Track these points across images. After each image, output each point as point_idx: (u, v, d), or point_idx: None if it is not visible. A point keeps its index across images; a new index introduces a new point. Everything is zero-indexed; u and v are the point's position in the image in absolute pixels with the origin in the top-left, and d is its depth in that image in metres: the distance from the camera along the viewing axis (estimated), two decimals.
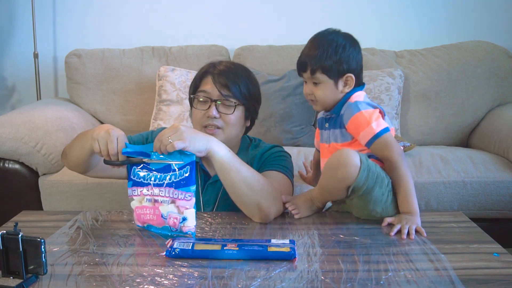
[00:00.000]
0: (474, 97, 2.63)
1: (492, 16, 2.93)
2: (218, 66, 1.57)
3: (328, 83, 1.45)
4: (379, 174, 1.34)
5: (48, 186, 2.13)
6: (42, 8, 2.98)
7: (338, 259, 1.14)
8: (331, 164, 1.34)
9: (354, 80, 1.45)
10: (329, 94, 1.46)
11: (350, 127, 1.43)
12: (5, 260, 1.02)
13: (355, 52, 1.46)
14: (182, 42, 2.88)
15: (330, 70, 1.43)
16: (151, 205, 1.29)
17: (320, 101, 1.48)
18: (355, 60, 1.46)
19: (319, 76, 1.45)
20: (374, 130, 1.38)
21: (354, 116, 1.41)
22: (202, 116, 1.53)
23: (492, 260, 1.13)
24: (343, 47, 1.44)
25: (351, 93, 1.47)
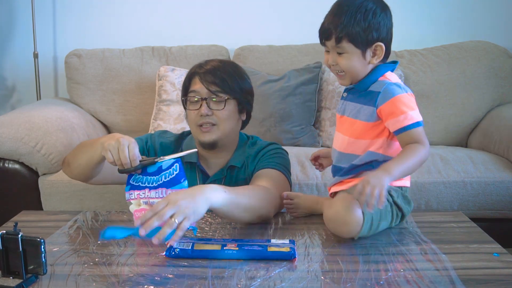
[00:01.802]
0: (474, 97, 2.63)
1: (492, 16, 2.92)
2: (205, 66, 1.58)
3: (355, 52, 1.30)
4: (382, 212, 1.25)
5: (48, 186, 2.13)
6: (42, 8, 2.98)
7: (338, 259, 1.14)
8: (332, 219, 1.23)
9: (384, 50, 1.31)
10: (356, 65, 1.31)
11: (384, 108, 1.28)
12: (5, 260, 1.02)
13: (386, 18, 1.32)
14: (182, 42, 2.88)
15: (358, 38, 1.28)
16: (149, 207, 1.28)
17: (347, 73, 1.33)
18: (386, 27, 1.31)
19: (345, 45, 1.29)
20: (414, 119, 1.26)
21: (395, 97, 1.27)
22: (195, 116, 1.55)
23: (492, 260, 1.13)
24: (374, 12, 1.28)
25: (382, 69, 1.34)
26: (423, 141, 1.25)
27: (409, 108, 1.27)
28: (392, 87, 1.29)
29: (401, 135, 1.26)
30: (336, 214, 1.21)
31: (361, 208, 1.19)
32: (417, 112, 1.28)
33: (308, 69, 2.58)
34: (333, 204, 1.24)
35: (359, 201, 1.16)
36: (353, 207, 1.19)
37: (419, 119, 1.27)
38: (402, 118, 1.25)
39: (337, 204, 1.23)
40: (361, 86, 1.34)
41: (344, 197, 1.24)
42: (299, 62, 2.70)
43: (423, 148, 1.24)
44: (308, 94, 2.52)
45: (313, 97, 2.53)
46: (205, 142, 1.55)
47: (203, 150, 1.60)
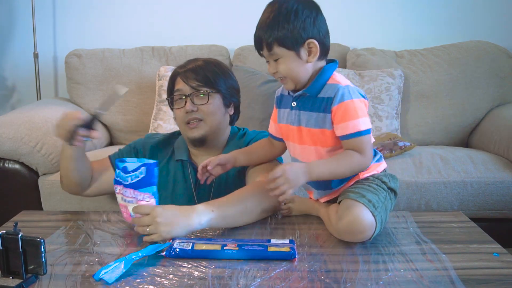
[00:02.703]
0: (474, 97, 2.63)
1: (492, 16, 2.93)
2: (186, 66, 1.61)
3: (289, 55, 1.27)
4: (385, 204, 1.27)
5: (48, 186, 2.13)
6: (42, 8, 2.98)
7: (338, 259, 1.14)
8: (347, 230, 1.21)
9: (318, 46, 1.27)
10: (293, 67, 1.28)
11: (335, 112, 1.26)
12: (5, 260, 1.02)
13: (312, 15, 1.28)
14: (182, 42, 2.88)
15: (287, 40, 1.26)
16: (124, 203, 1.32)
17: (288, 77, 1.31)
18: (313, 24, 1.27)
19: (277, 51, 1.27)
20: (359, 127, 1.25)
21: (345, 102, 1.25)
22: (182, 114, 1.57)
23: (492, 260, 1.13)
24: (295, 12, 1.26)
25: (328, 71, 1.32)
26: (364, 150, 1.25)
27: (356, 116, 1.25)
28: (343, 91, 1.27)
29: (347, 140, 1.27)
30: (350, 225, 1.19)
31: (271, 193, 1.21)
32: (366, 119, 1.27)
33: None
34: (342, 216, 1.21)
35: (268, 186, 1.20)
36: (364, 214, 1.19)
37: (365, 128, 1.26)
38: (346, 126, 1.25)
39: (347, 215, 1.20)
40: (311, 91, 1.31)
41: (350, 205, 1.21)
42: None
43: (360, 157, 1.25)
44: None
45: None
46: (194, 138, 1.56)
47: (194, 148, 1.61)
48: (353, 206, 1.20)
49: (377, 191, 1.27)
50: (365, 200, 1.21)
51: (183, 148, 1.65)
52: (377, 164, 1.37)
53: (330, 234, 1.29)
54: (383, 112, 2.49)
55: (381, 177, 1.32)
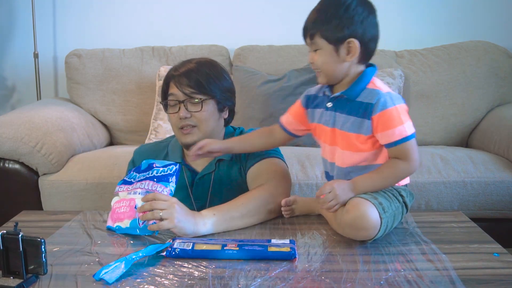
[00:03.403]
0: (474, 97, 2.63)
1: (492, 16, 2.93)
2: (180, 69, 1.58)
3: (328, 48, 1.26)
4: (395, 214, 1.26)
5: (48, 186, 2.13)
6: (42, 8, 2.98)
7: (338, 259, 1.14)
8: (350, 224, 1.21)
9: (359, 47, 1.26)
10: (329, 62, 1.27)
11: (375, 120, 1.24)
12: (5, 260, 1.02)
13: (363, 14, 1.26)
14: (182, 42, 2.88)
15: (329, 33, 1.25)
16: (129, 197, 1.32)
17: (322, 70, 1.30)
18: (362, 23, 1.26)
19: (318, 41, 1.27)
20: (406, 133, 1.22)
21: (388, 110, 1.23)
22: (175, 119, 1.56)
23: (492, 260, 1.13)
24: (346, 7, 1.24)
25: (369, 75, 1.31)
26: (409, 157, 1.24)
27: (401, 122, 1.23)
28: (385, 98, 1.25)
29: (390, 149, 1.26)
30: (354, 220, 1.19)
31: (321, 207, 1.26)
32: (409, 124, 1.25)
33: (308, 69, 2.58)
34: (349, 210, 1.20)
35: (318, 201, 1.24)
36: (371, 212, 1.18)
37: (411, 132, 1.24)
38: (392, 133, 1.23)
39: (354, 210, 1.20)
40: (350, 94, 1.29)
41: (359, 202, 1.21)
42: (299, 62, 2.70)
43: (407, 165, 1.24)
44: None
45: None
46: (187, 144, 1.56)
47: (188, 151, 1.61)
48: (362, 203, 1.20)
49: (391, 199, 1.26)
50: (376, 202, 1.20)
51: (177, 151, 1.64)
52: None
53: (330, 234, 1.29)
54: None
55: (400, 190, 1.30)
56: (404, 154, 1.23)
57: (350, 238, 1.24)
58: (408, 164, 1.24)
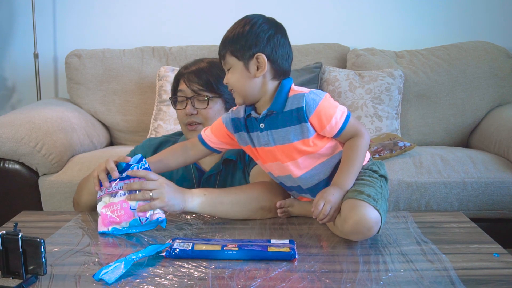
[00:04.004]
0: (474, 97, 2.63)
1: (492, 16, 2.93)
2: (190, 67, 1.62)
3: (238, 66, 1.29)
4: (383, 193, 1.28)
5: (48, 186, 2.14)
6: (42, 8, 2.99)
7: (338, 259, 1.14)
8: (354, 231, 1.20)
9: (267, 62, 1.27)
10: (241, 79, 1.29)
11: (313, 120, 1.27)
12: (5, 260, 1.02)
13: (269, 31, 1.29)
14: (182, 42, 2.88)
15: (238, 50, 1.28)
16: (118, 200, 1.31)
17: (235, 89, 1.31)
18: (268, 40, 1.28)
19: (229, 60, 1.30)
20: (343, 116, 1.27)
21: (319, 106, 1.26)
22: (182, 116, 1.59)
23: (492, 261, 1.13)
24: (252, 25, 1.29)
25: (285, 85, 1.30)
26: (359, 131, 1.29)
27: (335, 107, 1.28)
28: (311, 97, 1.27)
29: (341, 136, 1.30)
30: (357, 225, 1.19)
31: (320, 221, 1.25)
32: (340, 106, 1.29)
33: (308, 69, 2.58)
34: (347, 217, 1.20)
35: (316, 216, 1.25)
36: (369, 212, 1.18)
37: (346, 110, 1.29)
38: (334, 122, 1.27)
39: (352, 216, 1.19)
40: (276, 107, 1.29)
41: (353, 206, 1.20)
42: (299, 63, 2.70)
43: (361, 139, 1.29)
44: None
45: None
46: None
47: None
48: (356, 206, 1.20)
49: (372, 183, 1.28)
50: (365, 196, 1.21)
51: None
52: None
53: (330, 235, 1.29)
54: (383, 112, 2.49)
55: (370, 166, 1.34)
56: (353, 132, 1.29)
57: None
58: (361, 137, 1.29)
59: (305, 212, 1.43)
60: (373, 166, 1.35)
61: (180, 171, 1.62)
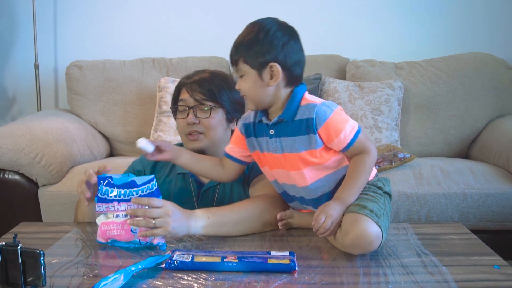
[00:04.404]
0: (474, 109, 2.63)
1: (491, 28, 2.94)
2: (193, 77, 1.62)
3: (251, 74, 1.27)
4: (386, 209, 1.27)
5: (47, 197, 2.13)
6: (43, 19, 3.00)
7: (339, 272, 1.13)
8: (354, 244, 1.19)
9: (281, 71, 1.25)
10: (254, 87, 1.28)
11: (322, 132, 1.26)
12: (4, 271, 1.01)
13: (283, 38, 1.27)
14: (182, 53, 2.89)
15: (252, 58, 1.26)
16: (119, 220, 1.29)
17: (248, 96, 1.31)
18: (282, 47, 1.26)
19: (242, 67, 1.28)
20: (353, 132, 1.26)
21: (329, 119, 1.25)
22: (183, 125, 1.58)
23: (493, 273, 1.12)
24: (266, 32, 1.26)
25: (298, 93, 1.30)
26: (367, 147, 1.29)
27: (345, 122, 1.27)
28: (322, 108, 1.26)
29: (348, 150, 1.29)
30: (357, 239, 1.18)
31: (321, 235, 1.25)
32: (352, 121, 1.28)
33: (308, 80, 2.58)
34: (348, 231, 1.20)
35: (317, 229, 1.23)
36: (370, 227, 1.18)
37: (357, 126, 1.28)
38: (343, 137, 1.26)
39: (352, 230, 1.19)
40: (287, 116, 1.29)
41: (355, 220, 1.20)
42: None
43: (368, 156, 1.29)
44: None
45: None
46: (194, 149, 1.56)
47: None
48: (358, 220, 1.19)
49: (375, 198, 1.27)
50: (367, 211, 1.20)
51: None
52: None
53: (330, 247, 1.29)
54: (382, 123, 2.50)
55: (375, 183, 1.34)
56: (361, 148, 1.28)
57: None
58: (369, 154, 1.28)
59: (305, 224, 1.43)
60: (378, 182, 1.34)
61: (178, 184, 1.61)
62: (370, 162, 1.29)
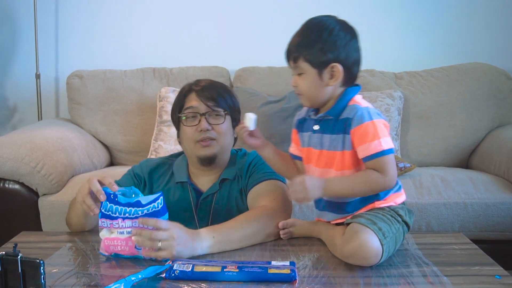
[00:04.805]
0: (474, 118, 2.64)
1: (491, 38, 2.95)
2: (200, 83, 1.62)
3: (311, 72, 1.27)
4: (397, 236, 1.25)
5: (48, 206, 2.13)
6: (44, 29, 3.01)
7: (339, 281, 1.13)
8: (352, 255, 1.19)
9: (342, 72, 1.26)
10: (313, 86, 1.28)
11: (354, 134, 1.26)
12: (4, 281, 1.01)
13: (346, 38, 1.27)
14: (183, 63, 2.90)
15: (313, 57, 1.26)
16: (123, 237, 1.28)
17: (305, 95, 1.31)
18: (344, 47, 1.26)
19: (302, 65, 1.28)
20: (382, 147, 1.22)
21: (365, 124, 1.24)
22: (193, 132, 1.56)
23: (494, 283, 1.12)
24: (330, 31, 1.25)
25: (350, 93, 1.30)
26: (385, 171, 1.23)
27: (377, 136, 1.24)
28: (362, 112, 1.26)
29: (369, 162, 1.25)
30: (355, 251, 1.18)
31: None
32: (387, 139, 1.25)
33: None
34: (350, 239, 1.20)
35: (289, 191, 1.23)
36: (372, 241, 1.17)
37: (388, 147, 1.24)
38: (368, 147, 1.24)
39: (354, 239, 1.19)
40: (333, 113, 1.30)
41: (359, 230, 1.20)
42: None
43: (380, 176, 1.23)
44: None
45: None
46: (206, 156, 1.55)
47: (197, 168, 1.61)
48: (362, 231, 1.19)
49: (390, 222, 1.25)
50: (376, 227, 1.20)
51: (182, 170, 1.64)
52: (395, 195, 1.34)
53: (331, 257, 1.28)
54: None
55: (397, 209, 1.30)
56: (380, 167, 1.24)
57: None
58: (383, 177, 1.24)
59: (307, 232, 1.43)
60: (400, 210, 1.31)
61: (177, 193, 1.60)
62: (378, 183, 1.24)
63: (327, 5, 2.86)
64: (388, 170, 1.24)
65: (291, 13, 2.94)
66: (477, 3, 2.94)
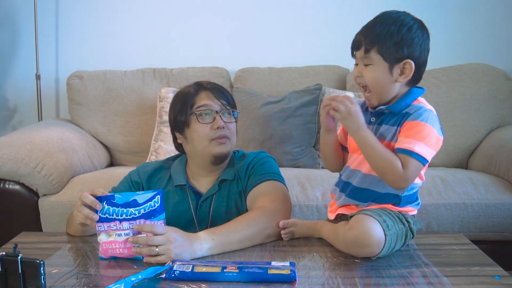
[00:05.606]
0: (474, 119, 2.64)
1: (491, 39, 2.95)
2: (205, 83, 1.62)
3: (382, 65, 1.25)
4: (399, 234, 1.26)
5: (48, 207, 2.13)
6: (44, 30, 3.01)
7: (339, 282, 1.13)
8: (354, 241, 1.20)
9: (414, 69, 1.25)
10: (381, 80, 1.26)
11: (405, 125, 1.24)
12: (4, 281, 1.01)
13: (422, 38, 1.26)
14: (183, 64, 2.90)
15: (388, 50, 1.23)
16: (121, 239, 1.29)
17: (372, 89, 1.27)
18: (420, 46, 1.25)
19: (374, 56, 1.25)
20: (416, 151, 1.20)
21: (421, 123, 1.23)
22: (209, 130, 1.53)
23: (493, 283, 1.12)
24: (409, 28, 1.24)
25: (416, 93, 1.31)
26: (407, 170, 1.22)
27: (420, 139, 1.22)
28: (424, 112, 1.24)
29: (398, 154, 1.23)
30: (358, 237, 1.19)
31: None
32: (426, 148, 1.22)
33: (308, 91, 2.59)
34: (353, 227, 1.21)
35: (330, 104, 1.25)
36: (375, 229, 1.18)
37: (422, 154, 1.22)
38: (406, 141, 1.22)
39: (358, 226, 1.20)
40: (395, 109, 1.28)
41: (363, 218, 1.20)
42: (299, 84, 2.72)
43: (399, 169, 1.21)
44: (309, 116, 2.53)
45: (313, 119, 2.54)
46: (222, 153, 1.55)
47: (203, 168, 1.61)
48: (366, 219, 1.20)
49: (395, 220, 1.27)
50: (380, 219, 1.21)
51: (181, 173, 1.63)
52: (411, 208, 1.35)
53: (330, 257, 1.29)
54: None
55: (407, 216, 1.32)
56: (405, 166, 1.22)
57: (351, 260, 1.23)
58: (401, 173, 1.21)
59: (308, 232, 1.43)
60: (409, 218, 1.32)
61: (176, 196, 1.60)
62: (394, 173, 1.21)
63: (326, 6, 2.87)
64: (408, 172, 1.22)
65: (291, 14, 2.94)
66: (478, 4, 2.94)
